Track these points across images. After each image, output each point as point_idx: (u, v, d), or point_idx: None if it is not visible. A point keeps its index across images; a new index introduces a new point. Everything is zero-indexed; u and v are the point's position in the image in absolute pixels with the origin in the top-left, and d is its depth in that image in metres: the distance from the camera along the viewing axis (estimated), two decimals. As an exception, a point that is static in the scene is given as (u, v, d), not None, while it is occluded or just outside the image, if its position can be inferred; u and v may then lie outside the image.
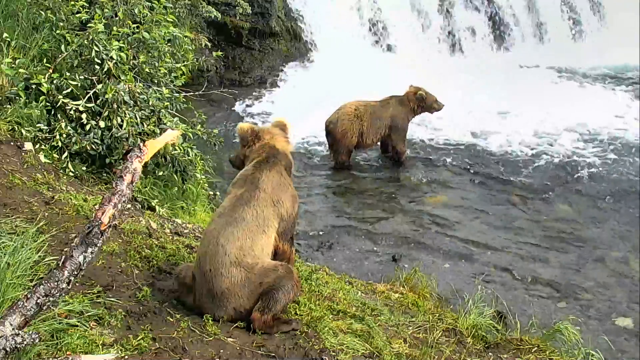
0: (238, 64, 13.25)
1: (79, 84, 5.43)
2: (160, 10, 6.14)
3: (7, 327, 2.60)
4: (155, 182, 5.90)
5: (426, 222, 8.05)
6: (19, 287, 3.10)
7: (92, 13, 5.83)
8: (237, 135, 4.21)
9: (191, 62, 6.46)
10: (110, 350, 3.01)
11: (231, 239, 3.54)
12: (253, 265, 3.54)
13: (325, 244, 7.35)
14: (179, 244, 4.64)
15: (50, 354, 2.82)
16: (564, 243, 7.58)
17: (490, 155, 10.23)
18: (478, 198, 8.80)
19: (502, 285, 6.59)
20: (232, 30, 13.03)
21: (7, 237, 3.52)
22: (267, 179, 3.80)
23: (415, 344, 3.95)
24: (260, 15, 13.23)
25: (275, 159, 3.94)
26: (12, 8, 6.56)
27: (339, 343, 3.55)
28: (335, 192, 9.03)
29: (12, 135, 5.27)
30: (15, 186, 4.53)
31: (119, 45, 5.55)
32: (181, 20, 9.14)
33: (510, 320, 4.78)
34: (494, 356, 4.14)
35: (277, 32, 13.51)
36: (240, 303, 3.52)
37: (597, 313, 6.23)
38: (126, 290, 3.66)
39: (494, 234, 7.78)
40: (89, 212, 4.44)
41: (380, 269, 6.74)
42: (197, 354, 3.19)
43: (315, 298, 4.09)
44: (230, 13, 12.67)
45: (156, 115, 5.75)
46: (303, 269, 4.69)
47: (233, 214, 3.63)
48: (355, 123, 9.45)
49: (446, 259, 7.11)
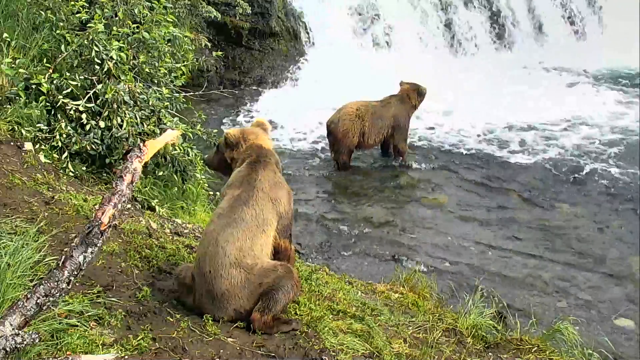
0: (238, 64, 13.24)
1: (79, 84, 5.43)
2: (160, 10, 6.13)
3: (7, 327, 2.60)
4: (155, 182, 5.90)
5: (426, 222, 8.06)
6: (19, 287, 3.09)
7: (92, 13, 5.83)
8: (224, 140, 4.16)
9: (191, 62, 6.46)
10: (110, 350, 3.01)
11: (231, 239, 3.54)
12: (252, 265, 3.54)
13: (325, 244, 7.35)
14: (179, 244, 4.63)
15: (50, 354, 2.82)
16: (564, 243, 7.58)
17: (490, 155, 10.24)
18: (478, 198, 8.80)
19: (502, 285, 6.59)
20: (232, 30, 13.03)
21: (7, 237, 3.52)
22: (263, 179, 3.82)
23: (415, 344, 3.94)
24: (260, 15, 13.23)
25: (267, 158, 3.97)
26: (12, 8, 6.56)
27: (339, 343, 3.55)
28: (336, 192, 9.03)
29: (12, 135, 5.27)
30: (15, 186, 4.53)
31: (119, 45, 5.55)
32: (181, 20, 9.14)
33: (510, 320, 4.77)
34: (494, 356, 4.14)
35: (277, 32, 13.50)
36: (240, 304, 3.52)
37: (597, 313, 6.23)
38: (126, 290, 3.66)
39: (494, 234, 7.78)
40: (89, 212, 4.43)
41: (380, 269, 6.75)
42: (197, 354, 3.19)
43: (315, 298, 4.09)
44: (230, 13, 12.67)
45: (156, 115, 5.74)
46: (303, 269, 4.69)
47: (232, 215, 3.64)
48: (357, 123, 9.46)
49: (446, 259, 7.12)
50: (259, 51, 13.44)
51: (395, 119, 9.63)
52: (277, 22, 13.49)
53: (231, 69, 13.14)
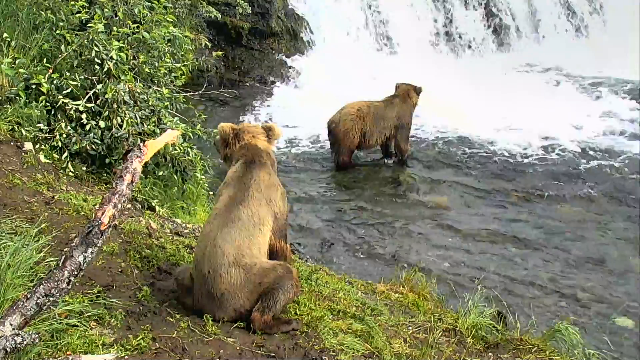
0: (238, 64, 13.25)
1: (79, 84, 5.43)
2: (160, 10, 6.13)
3: (7, 327, 2.60)
4: (155, 182, 5.89)
5: (426, 222, 8.06)
6: (19, 287, 3.10)
7: (92, 13, 5.83)
8: (217, 135, 4.19)
9: (191, 62, 6.46)
10: (110, 350, 3.01)
11: (228, 239, 3.54)
12: (252, 265, 3.54)
13: (325, 244, 7.36)
14: (179, 244, 4.63)
15: (50, 354, 2.82)
16: (564, 243, 7.58)
17: (490, 156, 10.24)
18: (478, 198, 8.81)
19: (502, 285, 6.58)
20: (232, 30, 13.03)
21: (7, 237, 3.52)
22: (258, 179, 3.82)
23: (415, 344, 3.94)
24: (260, 15, 13.24)
25: (262, 159, 3.97)
26: (12, 8, 6.56)
27: (339, 343, 3.55)
28: (336, 192, 9.03)
29: (12, 135, 5.27)
30: (15, 186, 4.53)
31: (119, 45, 5.55)
32: (181, 20, 9.14)
33: (510, 320, 4.77)
34: (494, 356, 4.14)
35: (277, 32, 13.51)
36: (240, 304, 3.52)
37: (597, 313, 6.23)
38: (126, 290, 3.66)
39: (494, 234, 7.78)
40: (89, 212, 4.43)
41: (380, 269, 6.74)
42: (197, 354, 3.19)
43: (315, 298, 4.09)
44: (230, 13, 12.68)
45: (156, 115, 5.75)
46: (303, 269, 4.69)
47: (229, 215, 3.63)
48: (358, 123, 9.45)
49: (446, 259, 7.12)
50: (259, 51, 13.45)
51: (399, 118, 9.62)
52: (277, 22, 13.50)
53: (231, 69, 13.15)
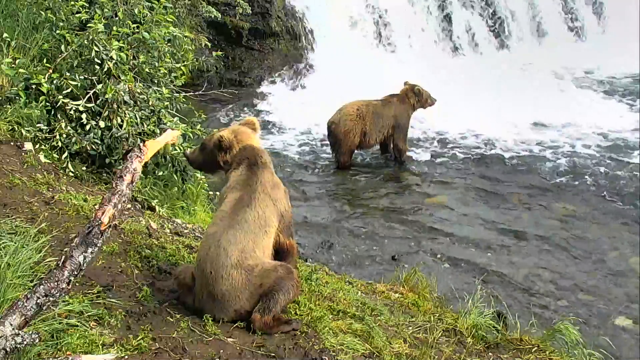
0: (238, 64, 13.25)
1: (79, 84, 5.43)
2: (160, 10, 6.13)
3: (7, 327, 2.60)
4: (155, 182, 5.90)
5: (426, 222, 8.05)
6: (19, 287, 3.10)
7: (92, 13, 5.83)
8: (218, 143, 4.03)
9: (191, 62, 6.46)
10: (110, 350, 3.01)
11: (233, 241, 3.55)
12: (254, 266, 3.56)
13: (325, 244, 7.35)
14: (179, 244, 4.63)
15: (50, 354, 2.82)
16: (564, 243, 7.57)
17: (490, 155, 10.24)
18: (478, 198, 8.80)
19: (502, 285, 6.59)
20: (232, 30, 13.02)
21: (7, 237, 3.52)
22: (263, 180, 3.85)
23: (415, 344, 3.94)
24: (260, 15, 13.22)
25: (263, 159, 3.98)
26: (12, 8, 6.56)
27: (339, 343, 3.55)
28: (336, 192, 9.03)
29: (12, 135, 5.27)
30: (15, 186, 4.53)
31: (119, 45, 5.55)
32: (181, 20, 9.16)
33: (510, 320, 4.77)
34: (494, 356, 4.14)
35: (277, 32, 13.49)
36: (241, 305, 3.53)
37: (597, 313, 6.23)
38: (126, 290, 3.66)
39: (493, 234, 7.78)
40: (89, 212, 4.43)
41: (380, 269, 6.74)
42: (197, 354, 3.19)
43: (315, 298, 4.09)
44: (230, 13, 12.67)
45: (156, 115, 5.75)
46: (303, 269, 4.69)
47: (235, 217, 3.65)
48: (358, 123, 9.46)
49: (446, 259, 7.11)
50: (259, 51, 13.44)
51: (396, 118, 9.64)
52: (277, 22, 13.48)
53: (231, 69, 13.15)
